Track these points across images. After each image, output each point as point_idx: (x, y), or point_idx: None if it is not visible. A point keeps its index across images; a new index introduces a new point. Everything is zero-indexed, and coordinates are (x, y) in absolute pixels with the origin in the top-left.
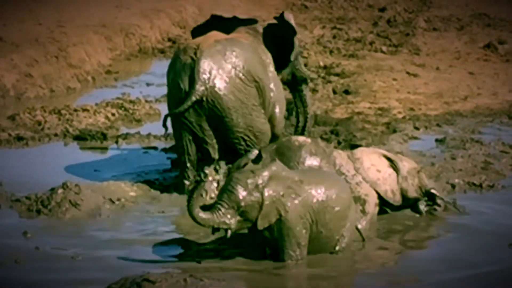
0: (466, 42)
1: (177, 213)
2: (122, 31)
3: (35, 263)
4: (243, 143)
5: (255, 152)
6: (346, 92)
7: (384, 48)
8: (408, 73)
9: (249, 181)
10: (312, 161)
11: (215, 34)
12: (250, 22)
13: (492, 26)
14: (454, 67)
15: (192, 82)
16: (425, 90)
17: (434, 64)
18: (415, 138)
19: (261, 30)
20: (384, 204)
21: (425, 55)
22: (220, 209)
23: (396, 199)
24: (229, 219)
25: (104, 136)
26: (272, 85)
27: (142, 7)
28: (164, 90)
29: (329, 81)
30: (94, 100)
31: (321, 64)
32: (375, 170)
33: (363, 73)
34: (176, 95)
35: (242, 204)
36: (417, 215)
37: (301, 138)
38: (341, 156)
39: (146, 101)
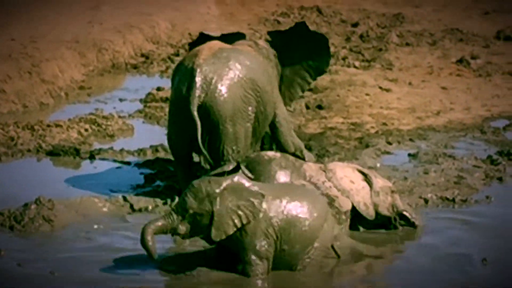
0: (439, 57)
1: None
2: (95, 46)
3: (14, 280)
4: (230, 154)
5: (232, 164)
6: (319, 107)
7: (357, 63)
8: (380, 88)
9: (202, 189)
10: (282, 175)
11: (218, 43)
12: (238, 37)
13: (464, 41)
14: (427, 82)
15: (191, 87)
16: (397, 105)
17: (406, 79)
18: (388, 153)
19: (261, 43)
20: (356, 220)
21: (398, 70)
22: (171, 215)
23: (369, 213)
24: (179, 226)
25: (77, 152)
26: (275, 99)
27: (115, 23)
28: (137, 105)
29: (302, 96)
30: (67, 116)
31: None
32: (348, 181)
33: (336, 88)
34: (178, 101)
35: (190, 211)
36: (388, 232)
37: (270, 153)
38: (311, 168)
39: (119, 116)
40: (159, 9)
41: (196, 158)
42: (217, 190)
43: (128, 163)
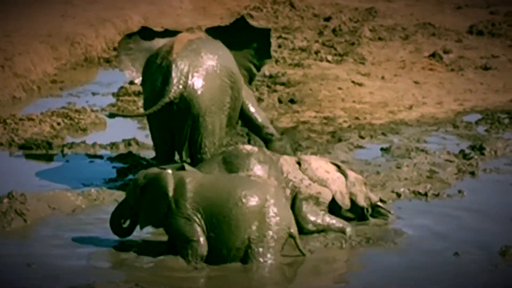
0: (411, 51)
1: None
2: (67, 40)
3: None
4: (207, 147)
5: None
6: (292, 101)
7: (329, 57)
8: (353, 82)
9: (136, 180)
10: (260, 169)
11: (186, 35)
12: (178, 32)
13: (437, 36)
14: (399, 76)
15: (167, 83)
16: (370, 99)
17: (379, 73)
18: (360, 147)
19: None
20: (332, 212)
21: (370, 64)
22: (123, 204)
23: (345, 203)
24: (133, 215)
25: (50, 145)
26: (243, 85)
27: (87, 16)
28: (110, 99)
29: (275, 90)
30: (39, 109)
31: (267, 73)
32: (324, 171)
33: (308, 82)
34: (153, 96)
35: (129, 200)
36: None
37: (248, 147)
38: (287, 163)
39: (92, 110)
40: (132, 3)
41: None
42: (144, 180)
43: (101, 157)
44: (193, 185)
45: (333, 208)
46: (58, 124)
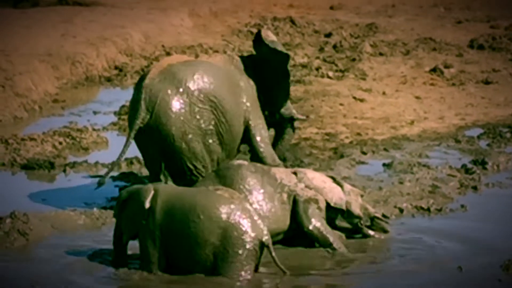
0: (412, 66)
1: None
2: (68, 59)
3: None
4: (196, 170)
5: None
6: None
7: (330, 74)
8: (354, 98)
9: (123, 194)
10: (253, 178)
11: (177, 57)
12: None
13: (437, 50)
14: (401, 91)
15: (136, 109)
16: (372, 115)
17: (380, 89)
18: (363, 163)
19: (236, 56)
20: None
21: (372, 80)
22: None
23: (342, 206)
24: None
25: (52, 165)
26: (245, 111)
27: (88, 36)
28: (111, 118)
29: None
30: (41, 129)
31: None
32: (320, 181)
33: (310, 98)
34: (129, 122)
35: (114, 215)
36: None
37: (239, 161)
38: (280, 171)
39: (94, 129)
40: (133, 21)
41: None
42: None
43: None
44: (163, 199)
45: (329, 218)
46: (60, 143)
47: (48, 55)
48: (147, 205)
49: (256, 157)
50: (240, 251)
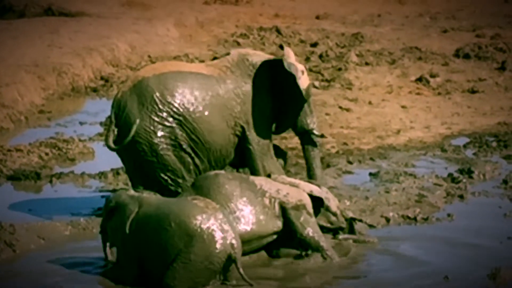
0: (398, 75)
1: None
2: (54, 70)
3: None
4: (171, 182)
5: None
6: None
7: (316, 83)
8: (340, 107)
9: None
10: (231, 185)
11: (155, 68)
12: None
13: (423, 60)
14: (387, 101)
15: (109, 124)
16: (358, 125)
17: (366, 98)
18: (349, 172)
19: (254, 60)
20: None
21: (358, 90)
22: None
23: (323, 198)
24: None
25: (38, 176)
26: (243, 123)
27: (74, 46)
28: (97, 129)
29: None
30: (27, 140)
31: None
32: (295, 180)
33: None
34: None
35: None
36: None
37: (216, 171)
38: (258, 178)
39: (80, 140)
40: (118, 32)
41: None
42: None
43: (89, 187)
44: (143, 209)
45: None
46: (46, 154)
47: (34, 65)
48: (129, 221)
49: (250, 169)
50: (201, 262)
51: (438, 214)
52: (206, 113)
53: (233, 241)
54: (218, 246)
